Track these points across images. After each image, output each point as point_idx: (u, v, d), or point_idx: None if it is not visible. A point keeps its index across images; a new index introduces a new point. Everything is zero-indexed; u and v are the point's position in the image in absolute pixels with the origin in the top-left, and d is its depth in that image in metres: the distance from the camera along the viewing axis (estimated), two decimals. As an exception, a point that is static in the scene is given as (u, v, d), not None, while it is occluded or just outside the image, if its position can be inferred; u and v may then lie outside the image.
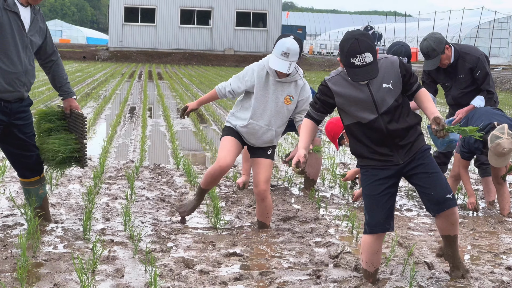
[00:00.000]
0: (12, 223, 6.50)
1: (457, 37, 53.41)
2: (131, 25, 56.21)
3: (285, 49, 6.20)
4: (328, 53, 75.51)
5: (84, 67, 41.57)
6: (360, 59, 4.68)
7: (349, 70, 4.74)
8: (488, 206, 7.99)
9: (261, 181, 6.53)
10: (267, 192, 6.55)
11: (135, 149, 11.63)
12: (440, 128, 4.82)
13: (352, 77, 4.74)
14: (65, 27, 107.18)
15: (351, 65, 4.71)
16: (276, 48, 6.27)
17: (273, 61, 6.27)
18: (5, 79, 5.85)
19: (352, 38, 4.70)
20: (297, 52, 6.26)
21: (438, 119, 4.82)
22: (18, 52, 5.88)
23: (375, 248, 5.11)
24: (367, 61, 4.69)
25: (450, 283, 5.25)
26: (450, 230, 5.17)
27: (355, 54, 4.67)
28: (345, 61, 4.74)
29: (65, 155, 6.31)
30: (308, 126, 5.09)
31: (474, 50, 7.92)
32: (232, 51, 56.75)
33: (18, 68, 5.91)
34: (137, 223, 6.70)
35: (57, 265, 5.34)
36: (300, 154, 4.92)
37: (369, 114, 4.88)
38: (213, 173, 6.54)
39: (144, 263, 5.41)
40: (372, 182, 5.00)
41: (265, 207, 6.62)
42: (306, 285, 5.11)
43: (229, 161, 6.47)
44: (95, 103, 19.15)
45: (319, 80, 34.81)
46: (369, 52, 4.69)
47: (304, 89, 6.51)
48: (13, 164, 6.37)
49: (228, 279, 5.19)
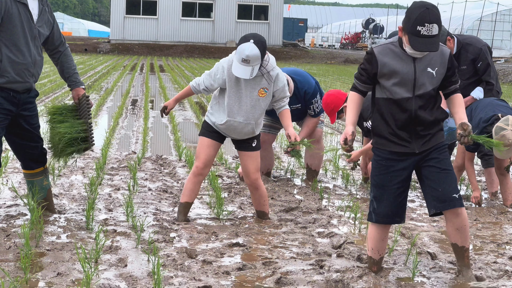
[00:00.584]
0: (15, 213, 6.51)
1: (460, 29, 53.33)
2: (132, 17, 56.16)
3: (245, 56, 6.07)
4: (329, 46, 75.48)
5: (86, 60, 41.55)
6: (428, 28, 4.60)
7: (413, 38, 4.65)
8: (491, 197, 7.98)
9: (251, 171, 6.52)
10: (258, 181, 6.56)
11: (137, 141, 11.64)
12: (466, 134, 4.80)
13: (414, 44, 4.67)
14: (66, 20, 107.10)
15: (416, 33, 4.63)
16: (237, 54, 6.13)
17: (235, 68, 6.15)
18: (15, 69, 5.86)
19: (423, 7, 4.62)
20: (258, 56, 6.11)
21: (465, 125, 4.81)
22: (27, 43, 5.90)
23: (381, 236, 5.11)
24: (433, 33, 4.63)
25: (453, 272, 5.25)
26: (457, 238, 5.05)
27: (423, 23, 4.59)
28: (410, 28, 4.64)
29: (72, 136, 6.34)
30: (355, 100, 5.00)
31: (477, 41, 7.90)
32: (234, 43, 56.67)
33: (27, 59, 5.92)
34: (139, 214, 6.71)
35: (60, 255, 5.35)
36: (347, 132, 4.85)
37: (404, 91, 4.83)
38: (191, 177, 6.50)
39: (147, 253, 5.42)
40: (386, 173, 4.95)
41: (260, 196, 6.62)
42: (309, 275, 5.11)
43: (207, 164, 6.48)
44: (97, 95, 19.15)
45: (321, 73, 34.83)
46: (436, 24, 4.63)
47: (278, 79, 6.39)
48: (18, 155, 6.38)
49: (231, 269, 5.19)
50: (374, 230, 5.10)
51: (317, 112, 8.27)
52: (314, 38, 79.17)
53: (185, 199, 6.55)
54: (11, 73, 5.84)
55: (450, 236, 5.09)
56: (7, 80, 5.84)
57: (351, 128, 4.88)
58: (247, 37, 6.18)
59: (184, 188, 6.56)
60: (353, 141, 4.83)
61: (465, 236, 5.04)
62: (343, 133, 4.87)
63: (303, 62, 50.76)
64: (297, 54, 55.25)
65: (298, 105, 8.18)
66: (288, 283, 4.94)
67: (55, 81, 22.46)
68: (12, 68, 5.84)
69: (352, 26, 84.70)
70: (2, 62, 5.79)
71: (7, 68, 5.81)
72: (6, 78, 5.83)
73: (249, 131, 6.48)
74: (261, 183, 6.62)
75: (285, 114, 6.50)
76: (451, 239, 5.10)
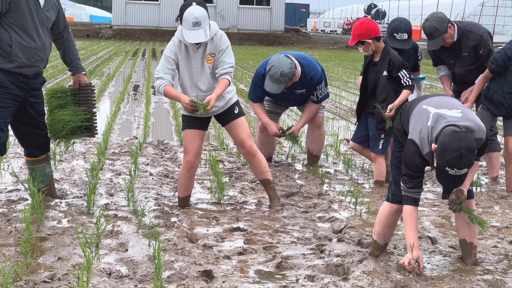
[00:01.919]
0: (16, 198, 6.52)
1: (461, 14, 53.19)
2: (134, 3, 56.00)
3: (194, 19, 5.92)
4: (331, 31, 75.31)
5: (88, 45, 41.49)
6: (457, 172, 4.46)
7: (441, 174, 4.51)
8: (492, 181, 7.98)
9: (244, 139, 6.43)
10: (254, 147, 6.48)
11: (138, 126, 11.64)
12: (457, 202, 4.73)
13: (440, 179, 4.57)
14: (68, 5, 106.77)
15: (445, 172, 4.48)
16: (185, 21, 5.96)
17: (188, 36, 5.99)
18: (25, 54, 5.89)
19: (458, 152, 4.41)
20: (206, 16, 5.98)
21: (461, 193, 4.71)
22: (36, 28, 5.92)
23: (391, 221, 5.12)
24: (462, 173, 4.49)
25: (453, 256, 5.26)
26: (466, 233, 5.07)
27: (453, 168, 4.43)
28: (441, 165, 4.47)
29: (76, 124, 6.34)
30: (414, 215, 4.88)
31: (477, 28, 7.87)
32: (236, 29, 56.58)
33: (37, 43, 5.95)
34: (140, 199, 6.71)
35: (61, 239, 5.36)
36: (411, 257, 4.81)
37: None
38: (185, 172, 6.42)
39: (148, 237, 5.43)
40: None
41: (259, 163, 6.54)
42: (310, 259, 5.12)
43: (197, 155, 6.37)
44: (98, 81, 19.13)
45: (323, 58, 34.79)
46: (467, 169, 4.49)
47: (221, 39, 6.19)
48: (22, 142, 6.38)
49: (231, 254, 5.20)
50: (385, 214, 5.10)
51: (319, 98, 8.25)
52: (316, 23, 78.96)
53: (183, 194, 6.54)
54: (21, 58, 5.87)
55: (459, 231, 5.11)
56: (17, 65, 5.87)
57: (417, 252, 4.79)
58: (187, 2, 6.00)
59: (179, 184, 6.50)
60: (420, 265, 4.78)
61: (474, 232, 5.07)
62: (408, 258, 4.78)
63: (305, 47, 50.66)
64: (299, 40, 55.13)
65: (303, 90, 8.16)
66: (289, 267, 4.95)
67: (57, 67, 22.43)
68: (22, 52, 5.87)
69: (354, 11, 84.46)
70: (12, 47, 5.81)
71: (18, 53, 5.84)
72: (17, 63, 5.87)
73: (221, 101, 6.34)
74: (257, 149, 6.53)
75: (220, 83, 6.14)
76: (460, 234, 5.12)
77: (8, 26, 5.80)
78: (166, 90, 6.07)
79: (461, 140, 4.41)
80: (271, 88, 7.82)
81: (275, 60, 7.76)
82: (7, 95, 5.89)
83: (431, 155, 4.66)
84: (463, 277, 4.83)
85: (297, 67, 7.86)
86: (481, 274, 4.93)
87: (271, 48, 48.64)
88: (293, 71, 7.75)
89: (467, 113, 4.72)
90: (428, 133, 4.67)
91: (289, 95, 8.16)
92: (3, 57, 5.82)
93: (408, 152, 4.76)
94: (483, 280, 4.79)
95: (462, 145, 4.39)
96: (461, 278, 4.80)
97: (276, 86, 7.80)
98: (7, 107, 5.92)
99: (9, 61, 5.83)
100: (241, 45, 49.84)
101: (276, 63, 7.73)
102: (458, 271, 4.97)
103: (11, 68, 5.85)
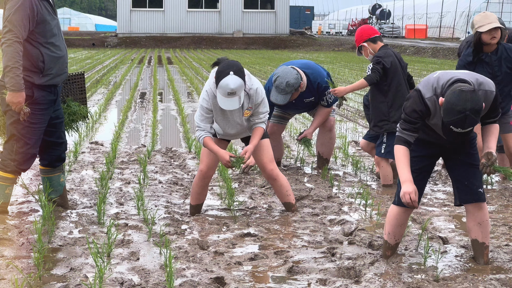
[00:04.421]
0: (27, 210, 6.54)
1: (467, 12, 53.12)
2: (139, 10, 56.16)
3: (230, 90, 5.95)
4: (337, 33, 75.30)
5: (94, 54, 41.59)
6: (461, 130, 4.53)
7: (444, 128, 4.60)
8: (502, 179, 7.96)
9: (265, 162, 6.45)
10: (275, 171, 6.48)
11: (146, 134, 11.65)
12: (489, 164, 4.76)
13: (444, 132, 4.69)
14: (73, 15, 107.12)
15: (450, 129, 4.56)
16: (220, 89, 5.98)
17: (222, 102, 6.03)
18: (56, 65, 6.02)
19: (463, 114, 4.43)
20: (242, 85, 6.00)
21: (490, 155, 4.76)
22: (59, 35, 6.08)
23: (401, 221, 5.11)
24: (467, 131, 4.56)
25: (465, 256, 5.25)
26: (477, 233, 5.06)
27: (457, 127, 4.50)
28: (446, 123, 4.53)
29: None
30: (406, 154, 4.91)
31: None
32: (241, 33, 56.65)
33: (63, 51, 6.11)
34: (150, 207, 6.72)
35: (72, 250, 5.37)
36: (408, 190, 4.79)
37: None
38: (197, 181, 6.48)
39: (159, 245, 5.43)
40: (413, 156, 4.93)
41: (281, 186, 6.54)
42: (321, 263, 5.12)
43: (211, 167, 6.45)
44: (105, 89, 19.17)
45: (329, 60, 34.79)
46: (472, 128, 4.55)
47: (257, 94, 6.24)
48: (43, 152, 6.38)
49: (243, 260, 5.20)
50: (394, 214, 5.10)
51: (329, 102, 8.29)
52: (321, 25, 79.01)
53: (195, 202, 6.56)
54: (53, 69, 6.01)
55: (471, 231, 5.10)
56: (51, 77, 6.00)
57: (411, 185, 4.78)
58: (224, 70, 6.00)
59: (192, 191, 6.54)
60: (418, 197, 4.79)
61: (486, 232, 5.06)
62: (402, 192, 4.77)
63: (311, 50, 50.68)
64: (304, 42, 55.15)
65: (312, 98, 8.21)
66: (300, 271, 4.95)
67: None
68: (54, 64, 6.01)
69: (358, 12, 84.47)
70: (45, 63, 5.92)
71: (50, 65, 5.97)
72: (51, 75, 6.00)
73: (247, 133, 6.49)
74: (279, 173, 6.51)
75: (256, 131, 6.31)
76: (472, 234, 5.11)
77: (36, 42, 5.91)
78: (205, 142, 6.23)
79: (467, 101, 4.43)
80: (276, 99, 7.88)
81: (281, 71, 7.90)
82: (41, 111, 6.02)
83: (433, 102, 4.71)
84: (476, 276, 4.82)
85: (303, 78, 7.95)
86: (494, 273, 4.92)
87: (277, 51, 48.69)
88: (299, 82, 7.88)
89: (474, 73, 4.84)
90: (433, 80, 4.76)
91: (298, 104, 8.24)
92: (36, 73, 5.92)
93: (410, 99, 4.83)
94: (495, 279, 4.78)
95: (468, 106, 4.43)
96: (474, 278, 4.79)
97: (282, 97, 7.86)
98: (43, 123, 6.08)
99: (42, 75, 5.95)
100: (247, 49, 49.90)
101: (282, 73, 7.86)
102: (471, 271, 4.96)
103: (45, 82, 5.95)
